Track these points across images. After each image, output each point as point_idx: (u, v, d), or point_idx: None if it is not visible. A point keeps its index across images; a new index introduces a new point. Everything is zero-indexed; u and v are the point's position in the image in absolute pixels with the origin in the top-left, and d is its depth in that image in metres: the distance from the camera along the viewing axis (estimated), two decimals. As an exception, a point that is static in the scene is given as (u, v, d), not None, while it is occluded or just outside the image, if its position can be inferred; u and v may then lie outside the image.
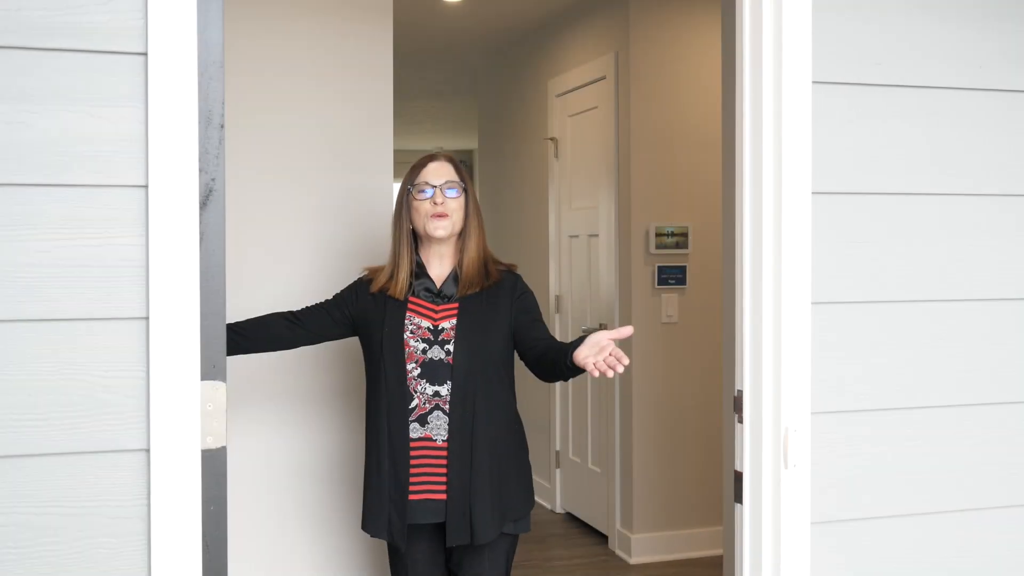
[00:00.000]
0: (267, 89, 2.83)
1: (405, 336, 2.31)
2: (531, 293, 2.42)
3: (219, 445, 1.55)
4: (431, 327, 2.32)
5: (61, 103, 1.47)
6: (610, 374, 1.99)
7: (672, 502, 4.33)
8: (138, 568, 1.51)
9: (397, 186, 2.54)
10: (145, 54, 1.49)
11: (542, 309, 4.92)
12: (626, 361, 1.98)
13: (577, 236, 4.83)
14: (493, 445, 2.29)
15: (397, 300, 2.35)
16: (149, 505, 1.51)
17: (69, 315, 1.48)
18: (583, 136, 4.73)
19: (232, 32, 2.68)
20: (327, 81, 2.88)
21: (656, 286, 4.28)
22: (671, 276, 4.30)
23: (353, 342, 2.62)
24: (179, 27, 1.50)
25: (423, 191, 2.34)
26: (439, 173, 2.36)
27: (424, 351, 2.30)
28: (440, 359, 2.29)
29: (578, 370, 2.10)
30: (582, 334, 2.31)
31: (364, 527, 2.35)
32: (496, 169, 5.91)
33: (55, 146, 1.47)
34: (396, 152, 3.33)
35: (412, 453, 2.28)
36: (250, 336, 2.38)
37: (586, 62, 4.65)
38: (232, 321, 2.41)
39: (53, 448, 1.48)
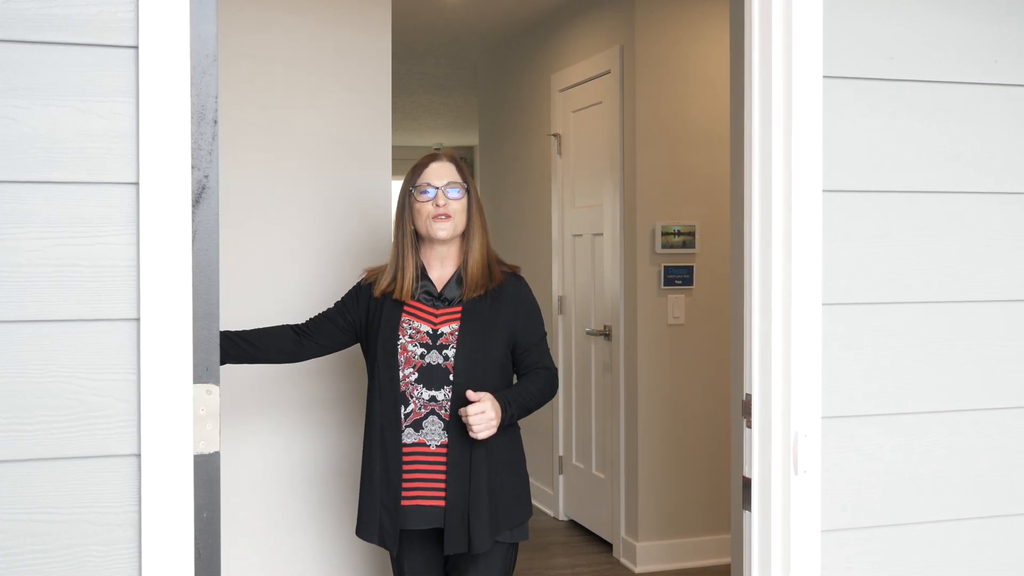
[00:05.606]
0: (262, 82, 2.80)
1: (403, 340, 2.30)
2: (535, 304, 2.41)
3: (212, 450, 1.52)
4: (430, 331, 2.30)
5: (50, 98, 1.45)
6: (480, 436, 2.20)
7: (678, 509, 4.29)
8: (129, 576, 1.48)
9: (396, 181, 2.52)
10: (136, 48, 1.47)
11: (545, 311, 4.90)
12: (470, 422, 2.18)
13: (581, 235, 4.79)
14: (490, 453, 2.28)
15: (395, 304, 2.34)
16: (140, 512, 1.48)
17: (58, 316, 1.45)
18: (587, 132, 4.68)
19: (226, 24, 2.64)
20: (324, 74, 2.85)
21: (662, 287, 4.24)
22: (677, 276, 4.25)
23: (350, 349, 2.59)
24: (171, 20, 1.47)
25: (425, 192, 2.33)
26: (441, 173, 2.34)
27: (422, 356, 2.29)
28: (438, 364, 2.28)
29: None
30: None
31: (358, 532, 2.35)
32: (497, 166, 5.87)
33: (43, 142, 1.45)
34: (395, 149, 3.29)
35: (405, 459, 2.28)
36: (258, 345, 2.38)
37: (590, 56, 4.60)
38: (239, 329, 2.41)
39: (42, 453, 1.46)
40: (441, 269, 2.37)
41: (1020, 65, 1.88)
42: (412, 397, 2.28)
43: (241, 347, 2.35)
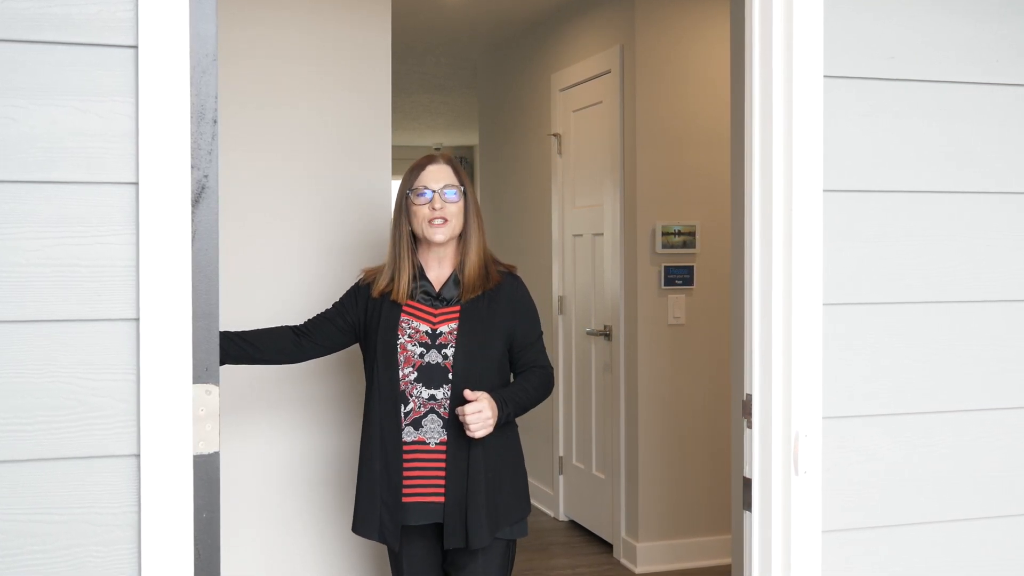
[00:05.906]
0: (262, 82, 2.79)
1: (402, 340, 2.31)
2: (532, 303, 2.43)
3: (212, 450, 1.52)
4: (429, 331, 2.32)
5: (49, 97, 1.44)
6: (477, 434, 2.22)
7: (679, 509, 4.28)
8: (128, 577, 1.47)
9: (396, 181, 2.51)
10: (135, 47, 1.47)
11: (545, 311, 4.90)
12: (467, 421, 2.20)
13: (581, 235, 4.78)
14: (488, 450, 2.30)
15: (393, 304, 2.35)
16: (139, 512, 1.48)
17: (57, 316, 1.45)
18: (587, 132, 4.68)
19: (225, 22, 2.64)
20: (324, 73, 2.85)
21: (662, 287, 4.24)
22: (678, 276, 4.25)
23: (350, 349, 2.59)
24: (171, 19, 1.47)
25: (421, 194, 2.34)
26: (438, 176, 2.35)
27: (421, 355, 2.31)
28: (437, 363, 2.30)
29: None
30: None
31: (355, 529, 2.37)
32: (497, 166, 5.86)
33: (43, 142, 1.44)
34: (395, 148, 3.28)
35: (405, 456, 2.30)
36: (258, 346, 2.39)
37: (590, 56, 4.60)
38: (239, 329, 2.42)
39: (41, 454, 1.45)
40: (439, 269, 2.39)
41: (1020, 65, 1.87)
42: (412, 396, 2.30)
43: (241, 347, 2.35)
